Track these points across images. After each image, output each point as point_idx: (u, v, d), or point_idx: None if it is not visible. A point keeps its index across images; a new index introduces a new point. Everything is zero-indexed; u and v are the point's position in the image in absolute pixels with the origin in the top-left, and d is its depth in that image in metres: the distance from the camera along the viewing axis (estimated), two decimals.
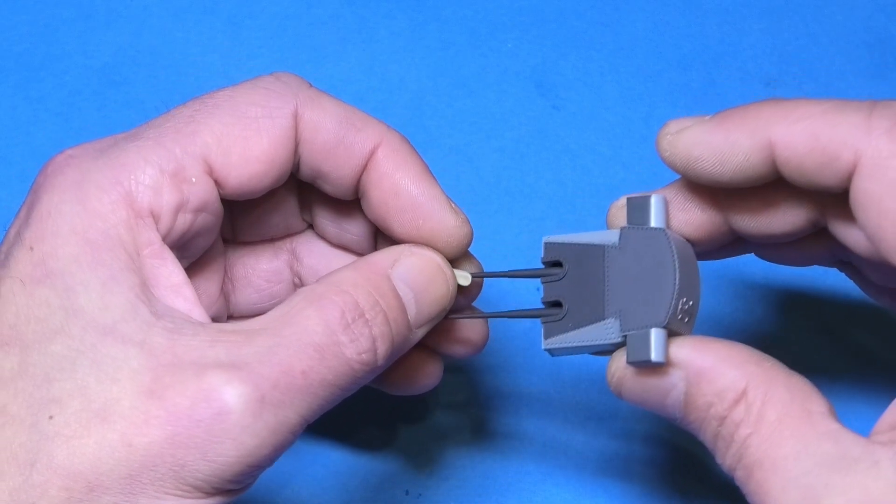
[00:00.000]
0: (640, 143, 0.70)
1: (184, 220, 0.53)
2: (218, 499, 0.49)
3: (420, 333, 0.54)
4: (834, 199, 0.51)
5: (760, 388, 0.50)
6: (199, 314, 0.51)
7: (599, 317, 0.53)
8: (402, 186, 0.55)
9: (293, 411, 0.49)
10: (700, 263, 0.54)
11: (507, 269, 0.57)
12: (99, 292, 0.50)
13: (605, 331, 0.53)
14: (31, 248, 0.51)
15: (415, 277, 0.54)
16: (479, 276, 0.56)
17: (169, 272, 0.51)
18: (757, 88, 0.70)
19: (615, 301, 0.53)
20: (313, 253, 0.59)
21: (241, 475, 0.49)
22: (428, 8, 0.72)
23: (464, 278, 0.55)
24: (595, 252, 0.54)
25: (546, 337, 0.54)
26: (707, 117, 0.52)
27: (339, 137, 0.55)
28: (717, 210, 0.54)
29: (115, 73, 0.71)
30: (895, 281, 0.55)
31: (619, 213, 0.54)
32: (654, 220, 0.53)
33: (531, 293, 0.66)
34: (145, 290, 0.50)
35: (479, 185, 0.69)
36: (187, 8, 0.72)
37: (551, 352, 0.54)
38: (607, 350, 0.54)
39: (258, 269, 0.59)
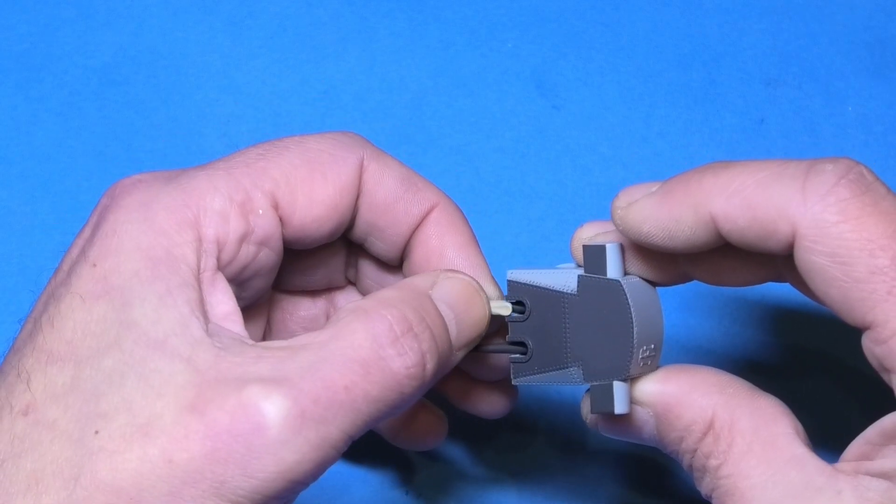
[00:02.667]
0: (640, 143, 0.70)
1: (247, 252, 0.53)
2: None
3: (459, 356, 0.54)
4: (786, 257, 0.51)
5: (726, 416, 0.51)
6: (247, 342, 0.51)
7: (563, 363, 0.54)
8: (448, 251, 0.56)
9: (335, 427, 0.49)
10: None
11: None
12: (154, 305, 0.50)
13: (570, 377, 0.54)
14: (94, 265, 0.51)
15: (455, 298, 0.54)
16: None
17: (218, 300, 0.51)
18: (757, 88, 0.70)
19: (577, 349, 0.54)
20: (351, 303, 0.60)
21: (282, 491, 0.49)
22: (428, 8, 0.72)
23: (504, 308, 0.55)
24: (555, 298, 0.54)
25: (514, 376, 0.55)
26: (655, 187, 0.52)
27: (399, 194, 0.56)
28: (675, 263, 0.54)
29: (115, 73, 0.71)
30: None
31: (581, 245, 0.55)
32: (610, 271, 0.53)
33: None
34: (201, 308, 0.50)
35: (479, 185, 0.69)
36: (187, 8, 0.72)
37: (519, 384, 0.55)
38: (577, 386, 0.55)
39: (296, 315, 0.59)
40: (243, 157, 0.54)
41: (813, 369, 0.65)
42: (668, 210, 0.51)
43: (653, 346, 0.53)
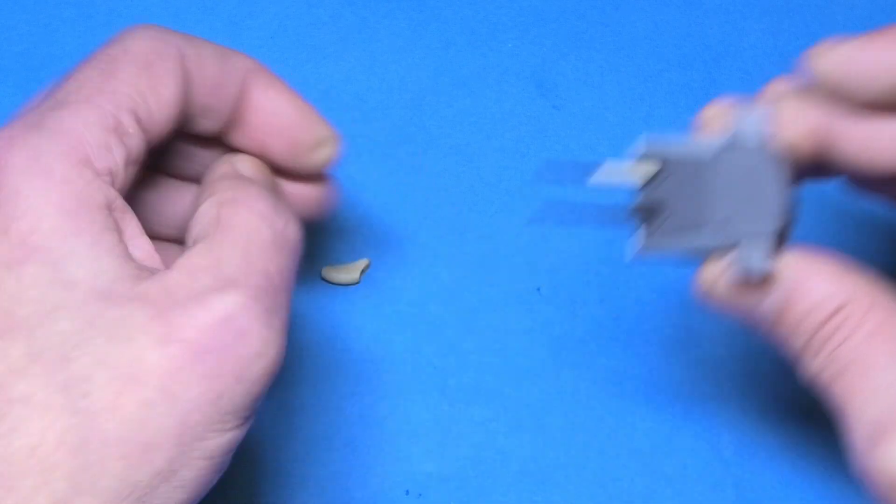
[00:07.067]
0: None
1: (129, 174, 0.53)
2: (245, 427, 0.50)
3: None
4: None
5: (865, 299, 0.50)
6: (156, 262, 0.52)
7: (702, 223, 0.53)
8: (283, 106, 0.57)
9: (284, 310, 0.51)
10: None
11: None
12: (88, 258, 0.49)
13: (710, 237, 0.53)
14: (6, 232, 0.49)
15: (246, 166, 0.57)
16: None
17: (128, 226, 0.52)
18: (757, 88, 0.70)
19: (719, 211, 0.53)
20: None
21: (264, 390, 0.50)
22: (428, 8, 0.72)
23: (639, 171, 0.54)
24: (696, 164, 0.53)
25: (644, 244, 0.53)
26: (860, 36, 0.51)
27: (220, 66, 0.56)
28: (823, 136, 0.53)
29: None
30: None
31: (714, 118, 0.54)
32: (758, 137, 0.53)
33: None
34: (123, 247, 0.51)
35: (479, 185, 0.69)
36: (187, 8, 0.72)
37: (643, 255, 0.54)
38: (705, 255, 0.53)
39: None
40: (86, 82, 0.53)
41: None
42: (874, 51, 0.51)
43: (788, 222, 0.52)
